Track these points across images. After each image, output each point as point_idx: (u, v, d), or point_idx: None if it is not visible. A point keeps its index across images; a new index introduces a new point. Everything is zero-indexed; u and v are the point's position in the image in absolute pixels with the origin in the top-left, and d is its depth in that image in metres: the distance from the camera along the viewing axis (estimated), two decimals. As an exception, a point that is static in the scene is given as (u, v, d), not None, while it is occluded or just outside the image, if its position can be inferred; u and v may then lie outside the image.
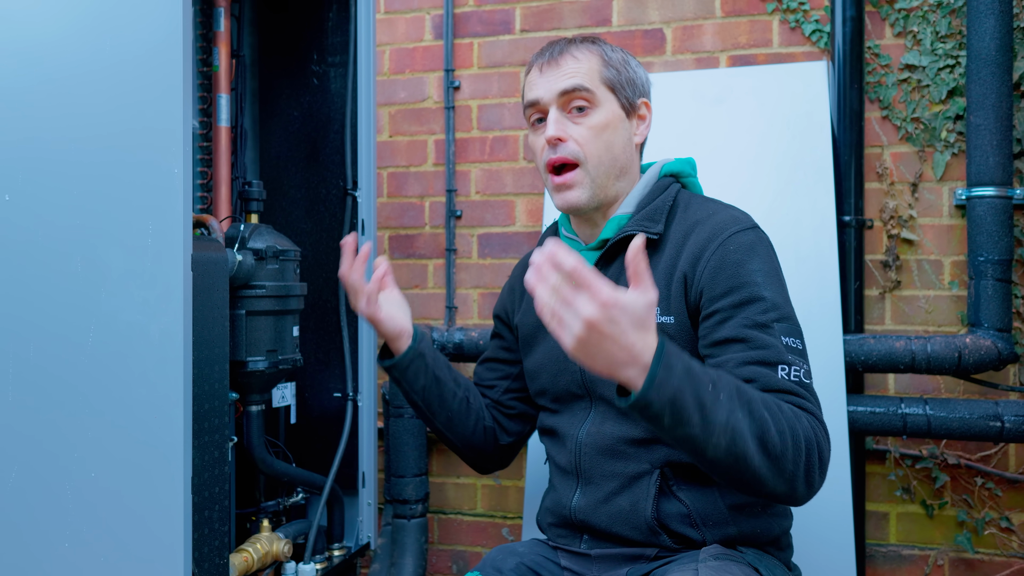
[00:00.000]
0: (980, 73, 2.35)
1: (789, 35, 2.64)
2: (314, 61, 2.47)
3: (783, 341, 1.42)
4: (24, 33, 1.72)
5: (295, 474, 2.21)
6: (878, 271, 2.55)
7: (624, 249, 1.60)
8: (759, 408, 1.27)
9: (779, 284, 1.49)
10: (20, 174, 1.71)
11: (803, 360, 1.43)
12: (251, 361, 2.00)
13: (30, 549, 1.70)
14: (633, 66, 1.67)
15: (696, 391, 1.20)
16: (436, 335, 2.79)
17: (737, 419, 1.23)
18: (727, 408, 1.22)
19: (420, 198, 2.99)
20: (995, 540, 2.46)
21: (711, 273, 1.48)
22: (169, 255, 1.62)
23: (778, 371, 1.39)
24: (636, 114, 1.67)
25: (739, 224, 1.53)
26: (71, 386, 1.68)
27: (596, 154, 1.60)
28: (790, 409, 1.33)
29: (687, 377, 1.20)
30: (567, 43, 1.65)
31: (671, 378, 1.18)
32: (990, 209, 2.33)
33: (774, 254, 1.54)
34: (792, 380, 1.39)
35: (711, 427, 1.21)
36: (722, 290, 1.46)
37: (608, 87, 1.62)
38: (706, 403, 1.21)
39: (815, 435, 1.33)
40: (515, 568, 1.66)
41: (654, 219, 1.60)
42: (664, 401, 1.18)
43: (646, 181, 1.67)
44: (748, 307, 1.44)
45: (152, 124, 1.64)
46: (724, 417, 1.22)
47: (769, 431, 1.26)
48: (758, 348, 1.41)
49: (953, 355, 2.31)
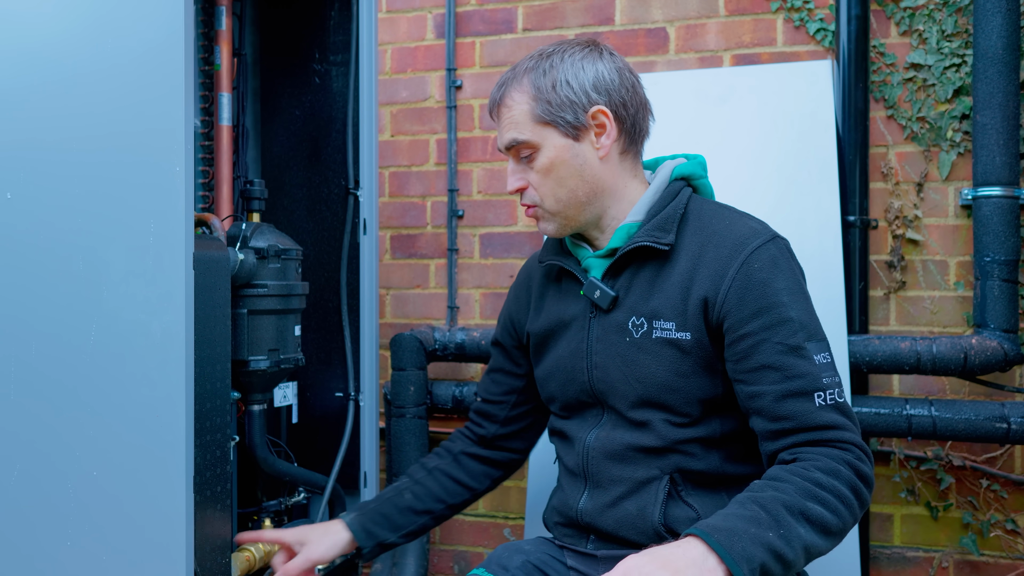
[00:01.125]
0: (987, 72, 2.34)
1: (793, 34, 2.63)
2: (316, 60, 2.46)
3: (816, 361, 1.43)
4: (26, 32, 1.71)
5: (297, 474, 2.20)
6: (883, 271, 2.54)
7: (635, 258, 1.58)
8: (813, 509, 1.32)
9: (804, 298, 1.49)
10: (21, 173, 1.71)
11: (834, 373, 1.45)
12: (253, 360, 2.00)
13: (31, 548, 1.69)
14: (568, 81, 1.57)
15: (770, 547, 1.26)
16: (438, 335, 2.78)
17: (809, 540, 1.30)
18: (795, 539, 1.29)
19: (422, 198, 2.98)
20: (1001, 542, 2.45)
21: (737, 296, 1.46)
22: (171, 254, 1.61)
23: (815, 400, 1.41)
24: (591, 129, 1.58)
25: (759, 237, 1.51)
26: (72, 386, 1.67)
27: (550, 194, 1.59)
28: (825, 471, 1.37)
29: (756, 545, 1.26)
30: (501, 85, 1.62)
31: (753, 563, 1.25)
32: (996, 209, 2.32)
33: (795, 262, 1.53)
34: (828, 405, 1.42)
35: (793, 563, 1.29)
36: (750, 312, 1.45)
37: (543, 123, 1.57)
38: (780, 549, 1.27)
39: (855, 473, 1.39)
40: (521, 566, 1.66)
41: (665, 228, 1.56)
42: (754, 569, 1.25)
43: (656, 186, 1.63)
44: (778, 329, 1.44)
45: (153, 123, 1.63)
46: (799, 548, 1.29)
47: (828, 521, 1.32)
48: (794, 378, 1.42)
49: (959, 356, 2.30)
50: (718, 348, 1.51)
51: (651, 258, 1.56)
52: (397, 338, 2.70)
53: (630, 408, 1.55)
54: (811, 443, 1.42)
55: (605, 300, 1.58)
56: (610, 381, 1.58)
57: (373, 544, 1.80)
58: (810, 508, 1.32)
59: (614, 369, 1.57)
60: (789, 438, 1.43)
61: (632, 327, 1.55)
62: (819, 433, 1.41)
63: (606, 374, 1.58)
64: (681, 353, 1.50)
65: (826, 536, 1.33)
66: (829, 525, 1.32)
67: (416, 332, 2.73)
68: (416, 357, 2.68)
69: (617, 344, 1.57)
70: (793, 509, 1.31)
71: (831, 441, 1.40)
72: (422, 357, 2.69)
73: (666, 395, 1.51)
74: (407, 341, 2.68)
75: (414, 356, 2.68)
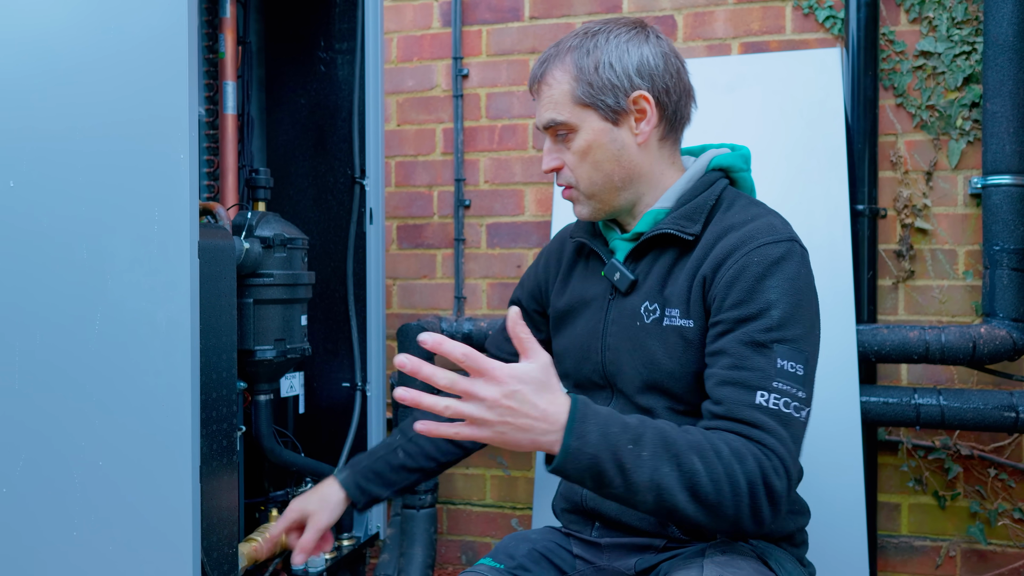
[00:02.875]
0: (997, 59, 2.32)
1: (802, 21, 2.61)
2: (321, 48, 2.45)
3: (778, 365, 1.36)
4: (28, 20, 1.71)
5: (304, 464, 2.20)
6: (891, 261, 2.53)
7: (657, 244, 1.57)
8: (689, 459, 1.28)
9: (797, 304, 1.40)
10: (25, 162, 1.70)
11: (798, 387, 1.36)
12: (259, 350, 1.99)
13: (37, 539, 1.69)
14: (611, 64, 1.53)
15: (615, 453, 1.26)
16: (445, 325, 2.77)
17: (662, 475, 1.27)
18: (650, 466, 1.26)
19: (428, 187, 2.98)
20: (1008, 531, 2.44)
21: (728, 281, 1.43)
22: (176, 243, 1.60)
23: (756, 396, 1.34)
24: (631, 114, 1.55)
25: (773, 235, 1.45)
26: (77, 375, 1.67)
27: (585, 177, 1.57)
28: (732, 450, 1.30)
29: (604, 441, 1.25)
30: (544, 61, 1.58)
31: (586, 446, 1.25)
32: (1006, 198, 2.31)
33: (804, 271, 1.45)
34: (769, 408, 1.34)
35: (634, 486, 1.27)
36: (733, 301, 1.41)
37: (583, 105, 1.54)
38: (626, 464, 1.26)
39: (761, 474, 1.30)
40: (527, 554, 1.66)
41: (692, 218, 1.53)
42: (582, 468, 1.26)
43: (691, 174, 1.60)
44: (751, 323, 1.39)
45: (158, 112, 1.62)
46: (647, 476, 1.26)
47: (700, 482, 1.27)
48: (742, 369, 1.37)
49: (968, 345, 2.29)
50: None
51: (673, 246, 1.55)
52: (404, 328, 2.69)
53: (636, 393, 1.54)
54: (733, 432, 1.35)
55: (624, 283, 1.57)
56: (620, 364, 1.57)
57: (366, 500, 1.87)
58: (687, 457, 1.28)
59: (624, 352, 1.56)
60: (717, 422, 1.37)
61: (644, 312, 1.54)
62: (745, 428, 1.34)
63: (617, 356, 1.57)
64: (686, 342, 1.48)
65: (692, 497, 1.27)
66: (700, 487, 1.27)
67: (423, 322, 2.72)
68: (423, 347, 2.67)
69: (629, 328, 1.56)
70: (670, 447, 1.28)
71: (755, 440, 1.33)
72: (429, 347, 2.69)
73: (670, 382, 1.50)
74: (414, 331, 2.68)
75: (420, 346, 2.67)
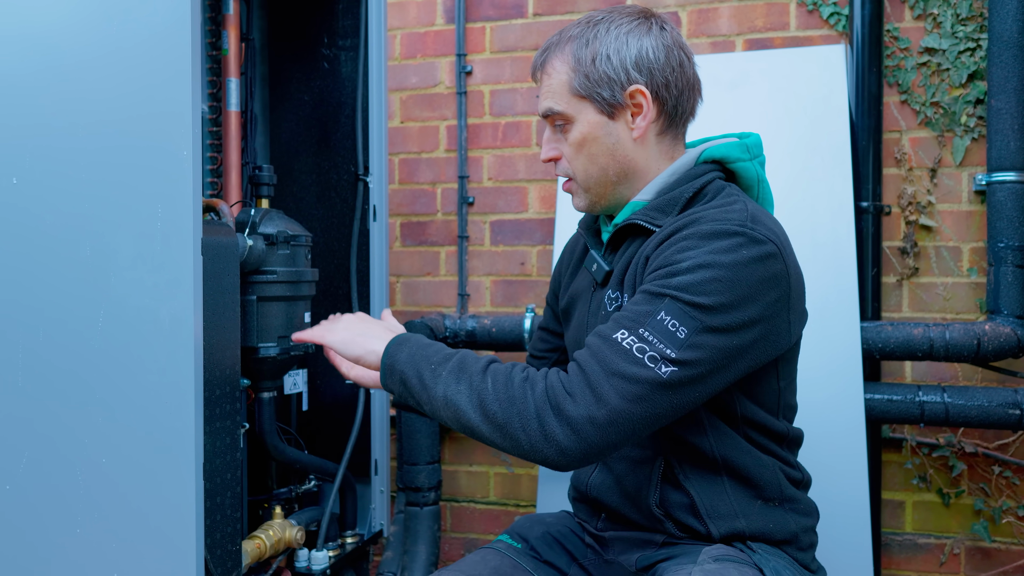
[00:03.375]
0: (1002, 56, 2.31)
1: (807, 18, 2.61)
2: (324, 44, 2.45)
3: (658, 316, 1.30)
4: (31, 17, 1.71)
5: (307, 461, 2.20)
6: (896, 258, 2.53)
7: (630, 234, 1.55)
8: (481, 380, 1.37)
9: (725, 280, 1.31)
10: (28, 159, 1.70)
11: (670, 346, 1.29)
12: (263, 347, 1.99)
13: (40, 537, 1.70)
14: (609, 56, 1.50)
15: (418, 370, 1.43)
16: (448, 323, 2.77)
17: (455, 391, 1.38)
18: (445, 382, 1.39)
19: (432, 184, 2.98)
20: (1012, 529, 2.44)
21: (658, 253, 1.40)
22: (179, 240, 1.60)
23: (617, 332, 1.32)
24: (627, 109, 1.52)
25: (725, 224, 1.37)
26: (80, 373, 1.67)
27: (581, 168, 1.56)
28: (526, 376, 1.36)
29: (410, 360, 1.45)
30: (545, 51, 1.57)
31: (396, 363, 1.46)
32: (1011, 194, 2.31)
33: (755, 264, 1.34)
34: (619, 343, 1.31)
35: (433, 399, 1.40)
36: (652, 268, 1.38)
37: (580, 97, 1.52)
38: (426, 380, 1.41)
39: (549, 397, 1.32)
40: (541, 536, 1.66)
41: (663, 210, 1.50)
42: (395, 382, 1.46)
43: (676, 167, 1.56)
44: (654, 279, 1.35)
45: (161, 108, 1.62)
46: (442, 391, 1.39)
47: (487, 400, 1.35)
48: (624, 310, 1.35)
49: (972, 342, 2.28)
50: None
51: (644, 236, 1.52)
52: (407, 325, 2.69)
53: None
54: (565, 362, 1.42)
55: (600, 274, 1.58)
56: None
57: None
58: (480, 378, 1.37)
59: None
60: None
61: (607, 301, 1.54)
62: (577, 352, 1.37)
63: None
64: None
65: (483, 416, 1.35)
66: (487, 406, 1.34)
67: (427, 319, 2.72)
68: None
69: (599, 318, 1.55)
70: (467, 368, 1.39)
71: (574, 362, 1.35)
72: (432, 344, 2.69)
73: None
74: (417, 328, 2.68)
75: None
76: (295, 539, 2.07)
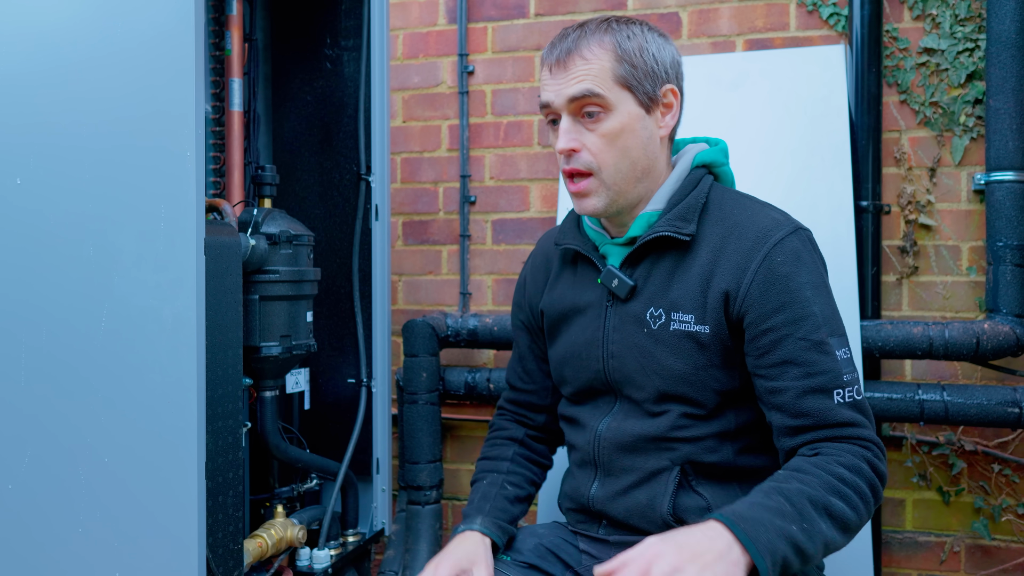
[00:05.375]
0: (1000, 56, 2.32)
1: (806, 18, 2.62)
2: (327, 45, 2.46)
3: (838, 357, 1.43)
4: (35, 17, 1.72)
5: (309, 460, 2.21)
6: (895, 257, 2.53)
7: (655, 248, 1.55)
8: (836, 504, 1.33)
9: (826, 292, 1.48)
10: (31, 159, 1.71)
11: (853, 369, 1.44)
12: (265, 346, 2.00)
13: (43, 534, 1.71)
14: (653, 52, 1.52)
15: (791, 539, 1.26)
16: (450, 322, 2.78)
17: (823, 530, 1.30)
18: (818, 531, 1.29)
19: (434, 184, 2.98)
20: (1012, 527, 2.44)
21: (759, 290, 1.44)
22: (182, 239, 1.61)
23: (834, 397, 1.41)
24: (660, 105, 1.54)
25: (781, 229, 1.47)
26: (83, 371, 1.68)
27: (611, 163, 1.50)
28: (849, 467, 1.37)
29: (779, 537, 1.25)
30: (577, 37, 1.51)
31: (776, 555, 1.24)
32: (1009, 194, 2.31)
33: (817, 254, 1.51)
34: (847, 403, 1.41)
35: (810, 559, 1.29)
36: (772, 307, 1.43)
37: (622, 86, 1.49)
38: (802, 544, 1.27)
39: (874, 470, 1.40)
40: (534, 549, 1.66)
41: (686, 218, 1.52)
42: (777, 567, 1.24)
43: (678, 174, 1.59)
44: (801, 324, 1.42)
45: (164, 108, 1.63)
46: (819, 544, 1.30)
47: (848, 517, 1.34)
48: (815, 375, 1.41)
49: (971, 341, 2.29)
50: (737, 342, 1.49)
51: (671, 248, 1.53)
52: (409, 324, 2.70)
53: (649, 401, 1.54)
54: (830, 439, 1.41)
55: (623, 289, 1.55)
56: (627, 371, 1.56)
57: (507, 537, 1.69)
58: (833, 503, 1.32)
59: (631, 360, 1.55)
60: (808, 434, 1.42)
61: (650, 318, 1.53)
62: (838, 430, 1.41)
63: (623, 364, 1.56)
64: (699, 346, 1.48)
65: (844, 532, 1.34)
66: (848, 521, 1.34)
67: (428, 318, 2.73)
68: (428, 343, 2.68)
69: (634, 335, 1.54)
70: (817, 504, 1.31)
71: (850, 438, 1.40)
72: (434, 343, 2.69)
73: (684, 387, 1.50)
74: (419, 327, 2.68)
75: (426, 342, 2.67)
76: (297, 538, 2.08)
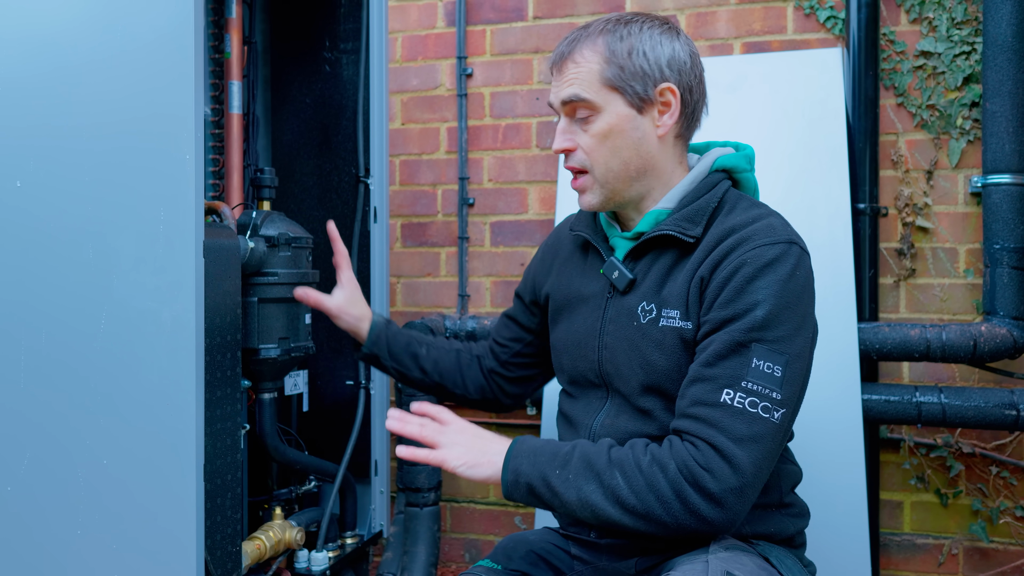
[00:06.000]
0: (996, 59, 2.33)
1: (804, 21, 2.62)
2: (326, 48, 2.46)
3: (752, 364, 1.37)
4: (34, 20, 1.72)
5: (307, 462, 2.21)
6: (893, 259, 2.54)
7: (658, 245, 1.56)
8: (610, 475, 1.39)
9: (785, 305, 1.40)
10: (31, 161, 1.71)
11: (773, 388, 1.37)
12: (263, 348, 2.00)
13: (43, 536, 1.71)
14: (644, 52, 1.52)
15: (544, 475, 1.43)
16: (448, 323, 2.78)
17: (587, 492, 1.39)
18: (575, 486, 1.40)
19: (432, 186, 2.99)
20: (1010, 529, 2.45)
21: (720, 282, 1.43)
22: (181, 242, 1.61)
23: (721, 394, 1.37)
24: (656, 105, 1.54)
25: (770, 236, 1.44)
26: (82, 373, 1.68)
27: (602, 162, 1.55)
28: (655, 459, 1.38)
29: (534, 469, 1.43)
30: (572, 41, 1.56)
31: (520, 477, 1.44)
32: (1006, 196, 2.32)
33: (800, 273, 1.44)
34: (732, 407, 1.36)
35: (567, 504, 1.41)
36: (722, 301, 1.42)
37: (611, 88, 1.53)
38: (556, 487, 1.41)
39: (686, 477, 1.35)
40: (525, 556, 1.66)
41: (694, 220, 1.52)
42: (522, 492, 1.45)
43: (695, 175, 1.59)
44: (734, 323, 1.40)
45: (163, 111, 1.63)
46: (575, 495, 1.40)
47: (623, 495, 1.37)
48: (714, 366, 1.39)
49: (968, 343, 2.29)
50: None
51: (674, 247, 1.54)
52: (408, 326, 2.70)
53: (635, 394, 1.54)
54: (679, 432, 1.40)
55: (622, 282, 1.57)
56: (616, 364, 1.57)
57: (369, 353, 1.97)
58: (609, 474, 1.38)
59: (621, 352, 1.56)
60: (678, 420, 1.42)
61: (641, 312, 1.54)
62: (689, 423, 1.39)
63: (614, 356, 1.57)
64: (684, 343, 1.48)
65: (622, 509, 1.37)
66: (624, 500, 1.36)
67: (427, 320, 2.73)
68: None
69: (626, 328, 1.56)
70: (592, 467, 1.40)
71: (695, 438, 1.37)
72: (432, 345, 2.69)
73: (667, 383, 1.50)
74: (418, 329, 2.68)
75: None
76: (295, 540, 2.09)
